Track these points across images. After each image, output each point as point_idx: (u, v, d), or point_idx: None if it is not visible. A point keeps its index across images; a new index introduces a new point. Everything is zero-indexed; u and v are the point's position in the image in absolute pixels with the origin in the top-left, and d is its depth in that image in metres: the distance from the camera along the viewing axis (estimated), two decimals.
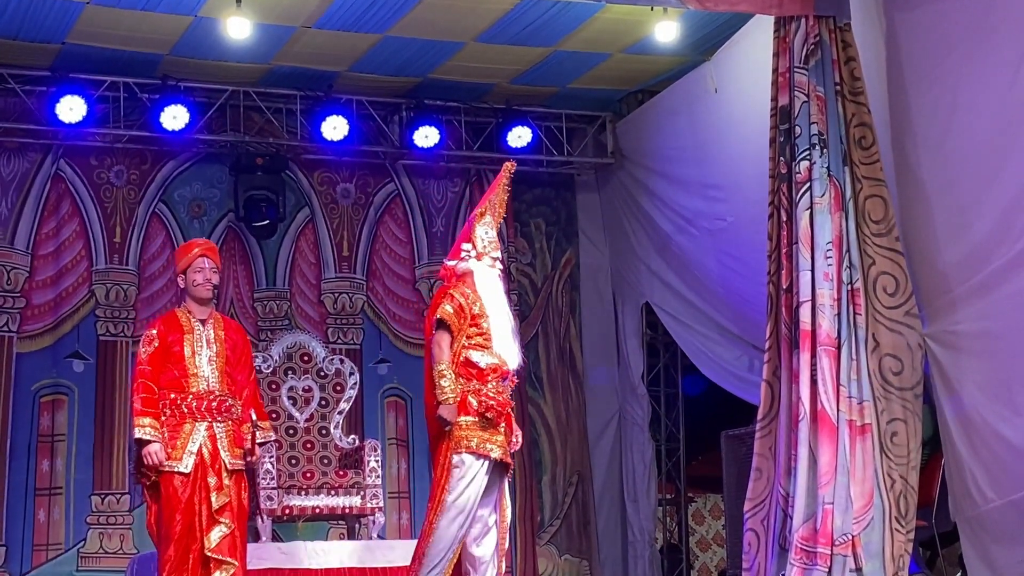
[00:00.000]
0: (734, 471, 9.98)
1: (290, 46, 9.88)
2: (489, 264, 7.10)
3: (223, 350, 6.91)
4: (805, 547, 7.67)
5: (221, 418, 6.82)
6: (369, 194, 11.24)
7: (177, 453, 6.71)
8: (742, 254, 9.57)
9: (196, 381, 6.82)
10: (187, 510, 6.69)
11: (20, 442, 10.10)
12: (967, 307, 7.71)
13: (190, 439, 6.74)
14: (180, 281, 7.00)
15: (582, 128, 11.50)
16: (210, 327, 6.93)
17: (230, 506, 6.75)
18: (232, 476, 6.80)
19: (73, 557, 10.11)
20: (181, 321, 6.91)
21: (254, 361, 7.62)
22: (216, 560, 6.68)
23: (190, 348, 6.83)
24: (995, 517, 7.54)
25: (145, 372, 6.81)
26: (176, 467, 6.69)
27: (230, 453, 6.81)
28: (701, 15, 9.31)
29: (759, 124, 8.55)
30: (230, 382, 6.90)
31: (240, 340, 7.05)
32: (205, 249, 7.01)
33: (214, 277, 6.96)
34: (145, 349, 6.87)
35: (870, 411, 7.83)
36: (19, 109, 10.21)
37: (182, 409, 6.77)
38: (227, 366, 6.91)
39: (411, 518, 10.88)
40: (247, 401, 6.98)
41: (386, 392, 11.05)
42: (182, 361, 6.82)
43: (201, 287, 6.92)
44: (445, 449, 6.86)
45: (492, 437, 6.89)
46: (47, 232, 10.41)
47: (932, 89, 7.82)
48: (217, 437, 6.79)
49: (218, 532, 6.71)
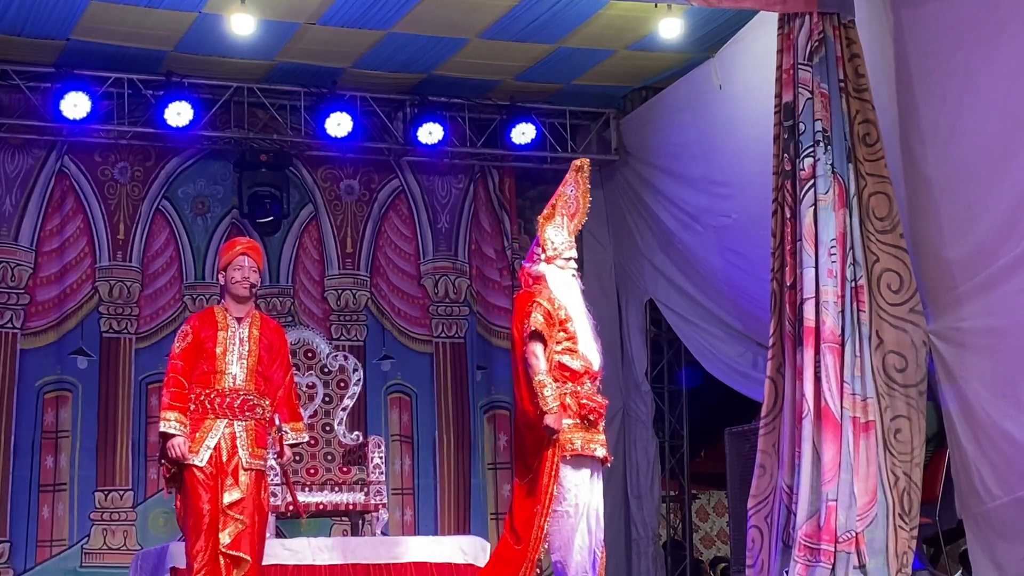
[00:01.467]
0: (738, 468, 9.96)
1: (294, 42, 9.88)
2: (561, 266, 7.07)
3: (256, 349, 6.91)
4: (809, 544, 7.67)
5: (243, 417, 6.82)
6: (373, 190, 11.25)
7: (195, 447, 6.74)
8: (746, 251, 9.57)
9: (223, 378, 6.83)
10: (213, 502, 6.71)
11: (24, 438, 10.12)
12: (973, 303, 7.71)
13: (209, 434, 6.76)
14: (220, 278, 7.02)
15: (586, 125, 11.50)
16: (246, 326, 6.93)
17: (244, 503, 6.75)
18: (251, 474, 6.81)
19: (77, 553, 10.12)
20: (217, 318, 6.92)
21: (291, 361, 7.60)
22: (230, 556, 6.69)
23: (222, 346, 6.85)
24: (1000, 514, 7.54)
25: (177, 367, 6.84)
26: (192, 460, 6.71)
27: (249, 452, 6.82)
28: (705, 12, 9.31)
29: (763, 121, 8.55)
30: (262, 382, 6.91)
31: (277, 341, 7.05)
32: (247, 248, 7.02)
33: (253, 276, 6.97)
34: (179, 344, 6.90)
35: (874, 408, 7.83)
36: (23, 105, 10.22)
37: (206, 405, 6.79)
38: (259, 366, 6.90)
39: (414, 514, 10.88)
40: (281, 401, 6.98)
41: (390, 388, 11.06)
42: (213, 358, 6.83)
43: (239, 285, 6.93)
44: (551, 456, 6.80)
45: (594, 436, 6.92)
46: (51, 229, 10.42)
47: (939, 86, 7.81)
48: (237, 435, 6.80)
49: (231, 528, 6.72)
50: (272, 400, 6.94)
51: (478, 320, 11.31)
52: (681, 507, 11.76)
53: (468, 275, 11.34)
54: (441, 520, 10.89)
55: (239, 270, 6.93)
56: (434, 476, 10.98)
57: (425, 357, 11.17)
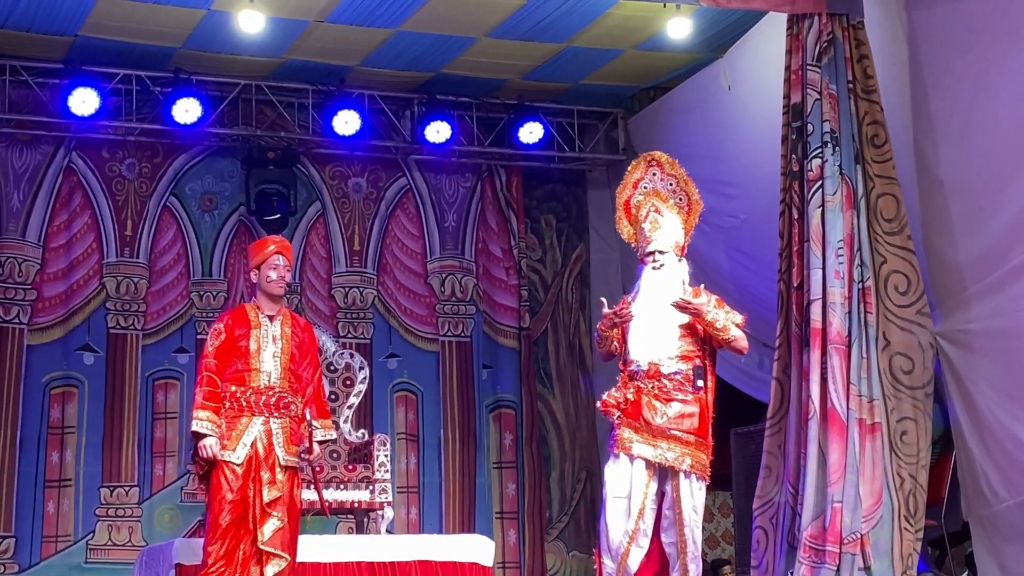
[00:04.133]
0: (743, 469, 9.96)
1: (302, 40, 9.88)
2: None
3: (289, 347, 6.93)
4: (814, 545, 7.66)
5: (279, 414, 6.84)
6: (380, 189, 11.24)
7: (231, 444, 6.75)
8: (753, 251, 9.56)
9: (258, 376, 6.84)
10: (239, 503, 6.72)
11: (30, 434, 10.13)
12: (981, 305, 7.69)
13: (246, 432, 6.77)
14: (253, 276, 7.01)
15: (594, 124, 11.49)
16: (278, 324, 6.94)
17: (282, 501, 6.77)
18: (286, 472, 6.82)
19: (82, 549, 10.13)
20: (250, 316, 6.93)
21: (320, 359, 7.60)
22: (268, 553, 6.71)
23: (256, 343, 6.86)
24: (1007, 517, 7.53)
25: (210, 365, 6.85)
26: (228, 456, 6.72)
27: (285, 449, 6.83)
28: (714, 12, 9.30)
29: (771, 121, 8.54)
30: (294, 379, 6.93)
31: (308, 338, 7.06)
32: (281, 247, 7.03)
33: (287, 275, 7.00)
34: (212, 342, 6.91)
35: (880, 410, 7.82)
36: (32, 101, 10.23)
37: (241, 403, 6.80)
38: (292, 363, 6.93)
39: (420, 513, 10.88)
40: (310, 398, 7.00)
41: (396, 387, 11.06)
42: (247, 356, 6.84)
43: (275, 284, 6.94)
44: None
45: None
46: (59, 224, 10.43)
47: (952, 87, 7.79)
48: (273, 432, 6.81)
49: (271, 526, 6.74)
50: (302, 397, 6.95)
51: (484, 319, 11.31)
52: None
53: (475, 274, 11.34)
54: (446, 519, 10.89)
55: (275, 269, 6.95)
56: (439, 475, 10.98)
57: (431, 355, 11.17)
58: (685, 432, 6.88)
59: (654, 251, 7.05)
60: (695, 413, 6.91)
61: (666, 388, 6.90)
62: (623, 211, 7.26)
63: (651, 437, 6.86)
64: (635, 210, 7.20)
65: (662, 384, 6.90)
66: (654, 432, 6.87)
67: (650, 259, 7.06)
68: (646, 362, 6.93)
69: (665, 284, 7.02)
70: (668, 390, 6.90)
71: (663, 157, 7.29)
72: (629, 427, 6.89)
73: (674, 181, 7.23)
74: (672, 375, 6.92)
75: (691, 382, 6.92)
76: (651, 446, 6.86)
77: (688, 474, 6.89)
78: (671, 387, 6.91)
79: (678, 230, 7.13)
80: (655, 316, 6.97)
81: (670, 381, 6.91)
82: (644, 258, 7.11)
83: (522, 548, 11.04)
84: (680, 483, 6.88)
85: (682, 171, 7.28)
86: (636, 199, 7.24)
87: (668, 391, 6.90)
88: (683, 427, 6.88)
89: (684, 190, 7.22)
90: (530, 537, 11.10)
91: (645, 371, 6.92)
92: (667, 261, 7.05)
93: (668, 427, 6.87)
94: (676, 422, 6.88)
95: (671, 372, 6.92)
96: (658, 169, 7.25)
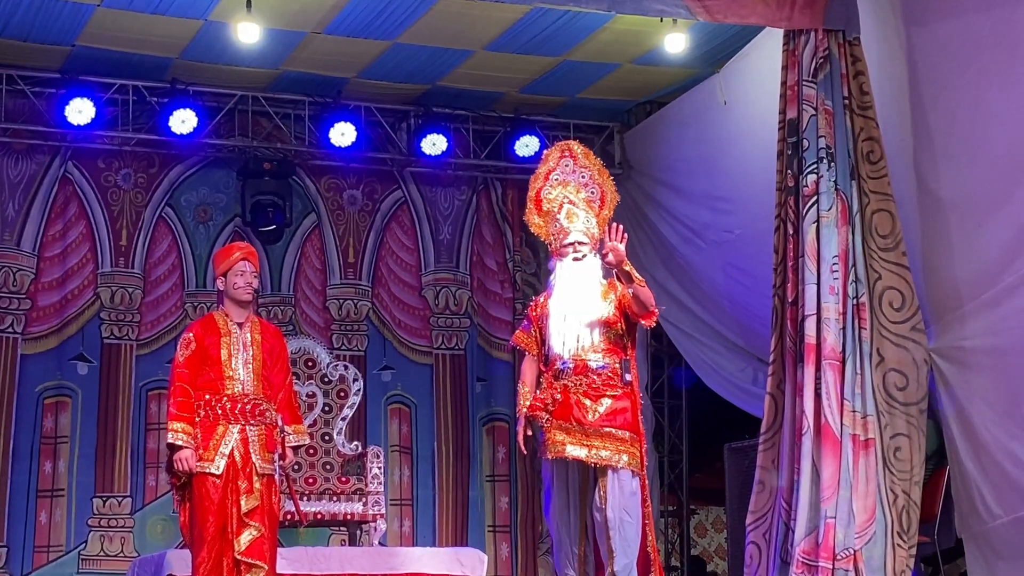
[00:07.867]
0: (737, 484, 9.95)
1: (299, 51, 9.89)
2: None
3: (260, 353, 6.92)
4: (807, 561, 7.66)
5: (255, 421, 6.83)
6: (376, 201, 11.25)
7: (209, 454, 6.72)
8: (748, 267, 9.56)
9: (232, 384, 6.83)
10: (220, 512, 6.70)
11: (23, 443, 10.10)
12: (976, 322, 7.70)
13: (223, 441, 6.75)
14: (220, 284, 7.01)
15: (590, 138, 11.47)
16: (247, 330, 6.94)
17: (260, 509, 6.75)
18: (263, 480, 6.81)
19: (74, 559, 10.11)
20: (219, 324, 6.92)
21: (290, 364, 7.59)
22: (246, 564, 6.68)
23: (227, 351, 6.85)
24: (1002, 534, 7.53)
25: (183, 375, 6.83)
26: (208, 468, 6.70)
27: (261, 457, 6.82)
28: (711, 27, 9.31)
29: (767, 137, 8.55)
30: (266, 386, 6.92)
31: (277, 344, 7.06)
32: (246, 253, 7.03)
33: (254, 281, 7.00)
34: (182, 352, 6.89)
35: (874, 425, 7.82)
36: (28, 111, 10.22)
37: (216, 411, 6.78)
38: (264, 370, 6.92)
39: (413, 525, 10.87)
40: (281, 404, 6.99)
41: (390, 399, 11.05)
42: (219, 364, 6.83)
43: (242, 290, 6.93)
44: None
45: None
46: (53, 234, 10.42)
47: (950, 104, 7.80)
48: (249, 440, 6.80)
49: (248, 535, 6.71)
50: (273, 403, 6.94)
51: (479, 332, 11.30)
52: (680, 523, 11.74)
53: (469, 287, 11.34)
54: (439, 531, 10.87)
55: (241, 275, 6.94)
56: (433, 487, 10.97)
57: (425, 368, 11.16)
58: (619, 428, 6.66)
59: (574, 242, 6.85)
60: (627, 408, 6.70)
61: (595, 384, 6.69)
62: (534, 204, 7.05)
63: (584, 437, 6.65)
64: (546, 203, 7.02)
65: (591, 380, 6.70)
66: (587, 432, 6.65)
67: (570, 249, 6.85)
68: (571, 358, 6.73)
69: (583, 277, 6.83)
70: (598, 386, 6.69)
71: (577, 147, 7.12)
72: (560, 429, 6.67)
73: (587, 173, 7.06)
74: (600, 370, 6.71)
75: (619, 376, 6.71)
76: (584, 447, 6.64)
77: (617, 471, 6.64)
78: (600, 383, 6.69)
79: (592, 223, 6.93)
80: (576, 311, 6.77)
81: (599, 376, 6.70)
82: (562, 249, 6.88)
83: (515, 562, 11.02)
84: (608, 482, 6.64)
85: (597, 161, 7.11)
86: (547, 191, 7.06)
87: (598, 387, 6.69)
88: (616, 423, 6.66)
89: (597, 182, 7.05)
90: (523, 551, 11.08)
91: (572, 368, 6.71)
92: (587, 252, 6.85)
93: (601, 425, 6.65)
94: (609, 419, 6.66)
95: (599, 367, 6.72)
96: (571, 160, 7.09)
